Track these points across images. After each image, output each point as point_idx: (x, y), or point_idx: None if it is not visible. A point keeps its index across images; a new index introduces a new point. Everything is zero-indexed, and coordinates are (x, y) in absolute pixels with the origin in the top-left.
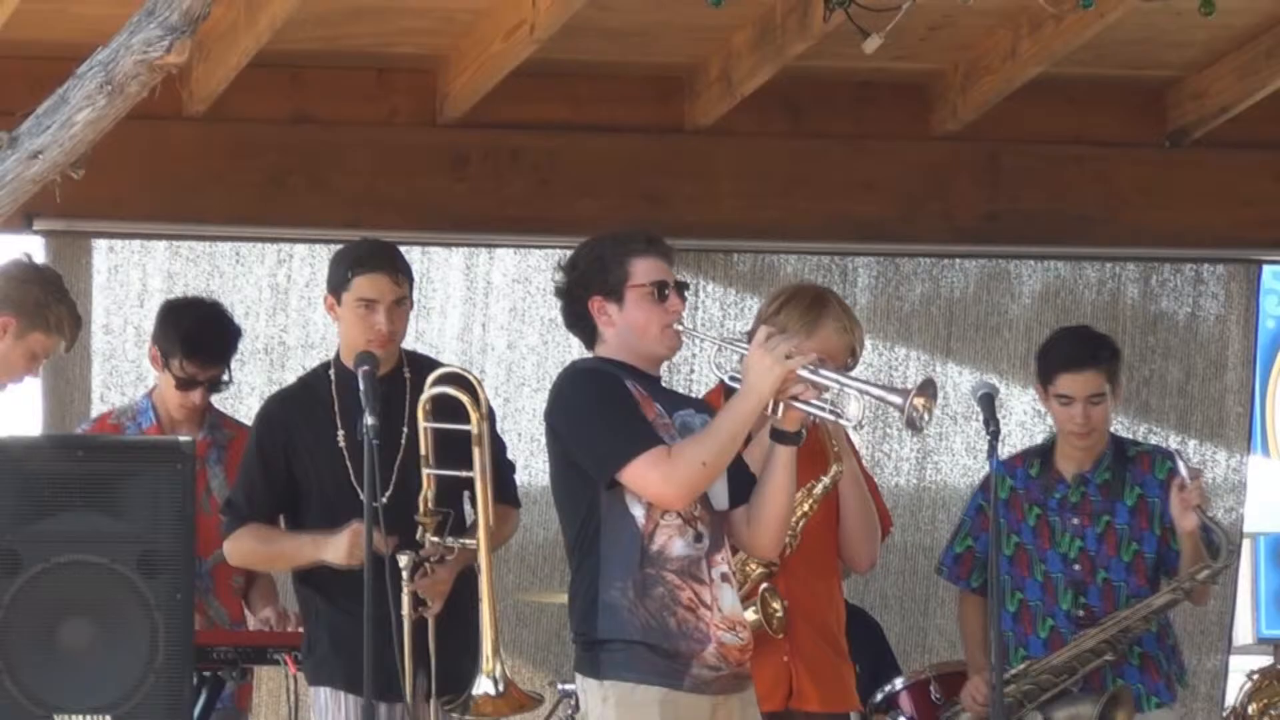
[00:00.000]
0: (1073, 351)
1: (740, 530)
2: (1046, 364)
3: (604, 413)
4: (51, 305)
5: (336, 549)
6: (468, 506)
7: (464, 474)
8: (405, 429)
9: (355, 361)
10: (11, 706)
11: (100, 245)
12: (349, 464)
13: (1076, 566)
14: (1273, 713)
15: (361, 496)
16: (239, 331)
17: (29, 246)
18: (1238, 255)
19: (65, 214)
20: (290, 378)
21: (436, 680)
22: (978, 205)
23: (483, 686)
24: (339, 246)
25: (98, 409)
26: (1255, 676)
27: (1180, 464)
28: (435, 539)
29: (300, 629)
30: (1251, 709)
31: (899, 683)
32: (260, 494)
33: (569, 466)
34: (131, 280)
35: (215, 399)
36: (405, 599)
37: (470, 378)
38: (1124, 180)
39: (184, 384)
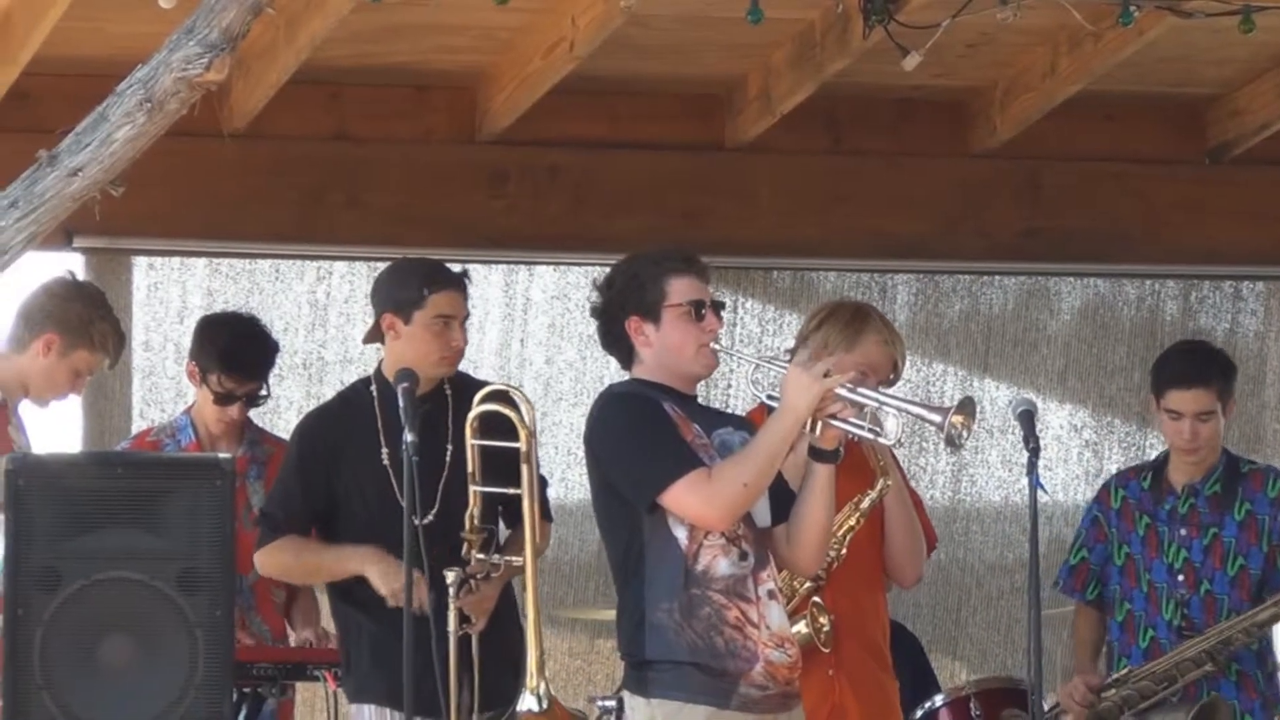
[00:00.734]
0: (1183, 368)
1: (780, 547)
2: (1158, 379)
3: (642, 437)
4: (95, 322)
5: (385, 576)
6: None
7: (510, 491)
8: (450, 447)
9: (396, 378)
10: None
11: (140, 262)
12: (394, 481)
13: (1180, 577)
14: None
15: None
16: (276, 346)
17: (69, 264)
18: (1277, 272)
19: (105, 231)
20: (329, 393)
21: (479, 696)
22: (1016, 222)
23: (527, 703)
24: (378, 263)
25: (137, 426)
26: None
27: None
28: (481, 556)
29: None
30: None
31: (939, 699)
32: (297, 507)
33: (610, 491)
34: (171, 297)
35: (253, 414)
36: (451, 616)
37: (518, 395)
38: (1163, 197)
39: (222, 399)
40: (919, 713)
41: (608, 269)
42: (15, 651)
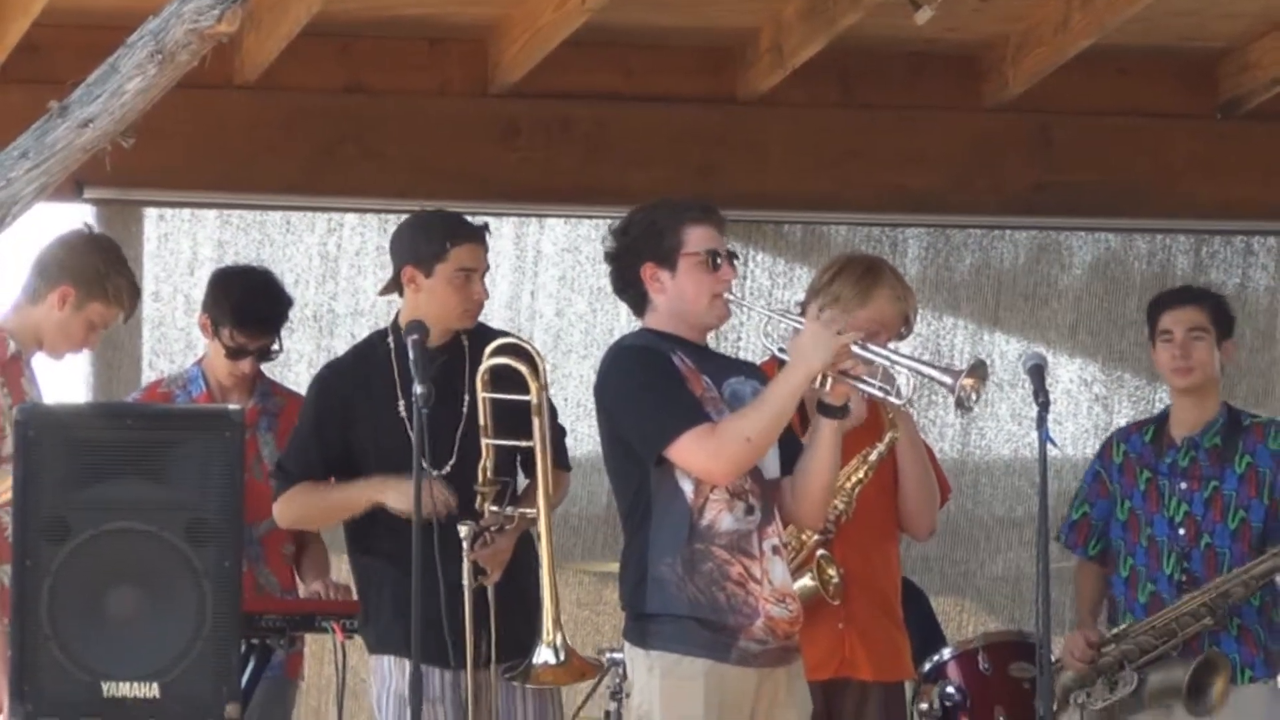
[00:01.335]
0: (1173, 292)
1: (785, 499)
2: (1151, 313)
3: (650, 390)
4: (111, 276)
5: (400, 494)
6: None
7: (523, 444)
8: (466, 398)
9: (406, 330)
10: (59, 674)
11: (150, 214)
12: (410, 432)
13: (1182, 531)
14: None
15: (424, 464)
16: (290, 301)
17: (79, 215)
18: None
19: (116, 183)
20: (339, 345)
21: (496, 648)
22: (1028, 176)
23: (543, 655)
24: (389, 215)
25: (146, 377)
26: None
27: None
28: (495, 508)
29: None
30: None
31: (947, 653)
32: (314, 459)
33: (619, 443)
34: (182, 248)
35: (264, 367)
36: (465, 568)
37: (529, 348)
38: (1174, 152)
39: (234, 353)
40: (927, 666)
41: (619, 221)
42: (23, 602)
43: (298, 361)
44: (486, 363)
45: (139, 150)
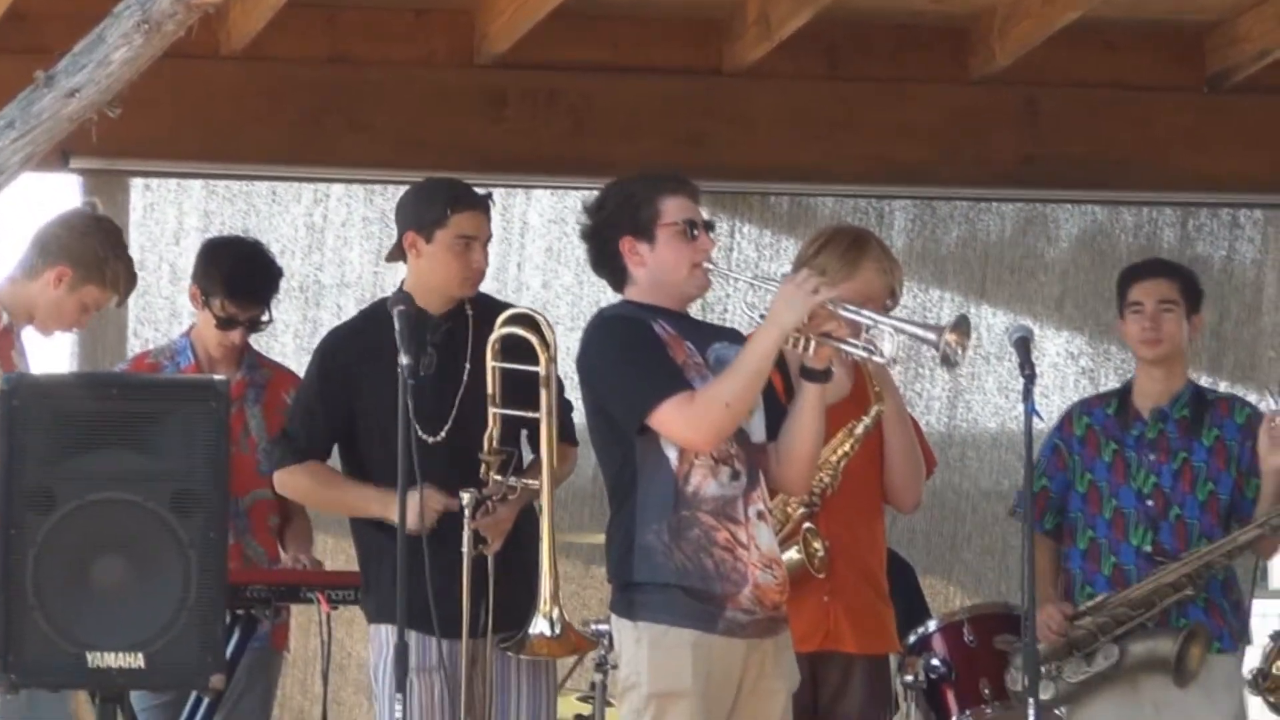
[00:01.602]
0: (1144, 264)
1: (771, 465)
2: (1120, 285)
3: (630, 359)
4: (110, 260)
5: (392, 509)
6: (525, 447)
7: (530, 414)
8: (468, 365)
9: (392, 301)
10: (44, 644)
11: (136, 183)
12: (411, 399)
13: (1150, 502)
14: None
15: (422, 433)
16: (280, 272)
17: (65, 184)
18: (1275, 200)
19: (102, 152)
20: (325, 316)
21: (494, 618)
22: (1015, 149)
23: (539, 627)
24: (375, 186)
25: (131, 346)
26: None
27: (1271, 400)
28: (498, 478)
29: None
30: (1276, 669)
31: (932, 625)
32: (319, 425)
33: (603, 414)
34: (167, 218)
35: (251, 337)
36: (466, 536)
37: (540, 319)
38: (1162, 125)
39: (224, 323)
40: (912, 638)
41: (592, 199)
42: (8, 572)
43: (284, 332)
44: (498, 331)
45: (125, 120)
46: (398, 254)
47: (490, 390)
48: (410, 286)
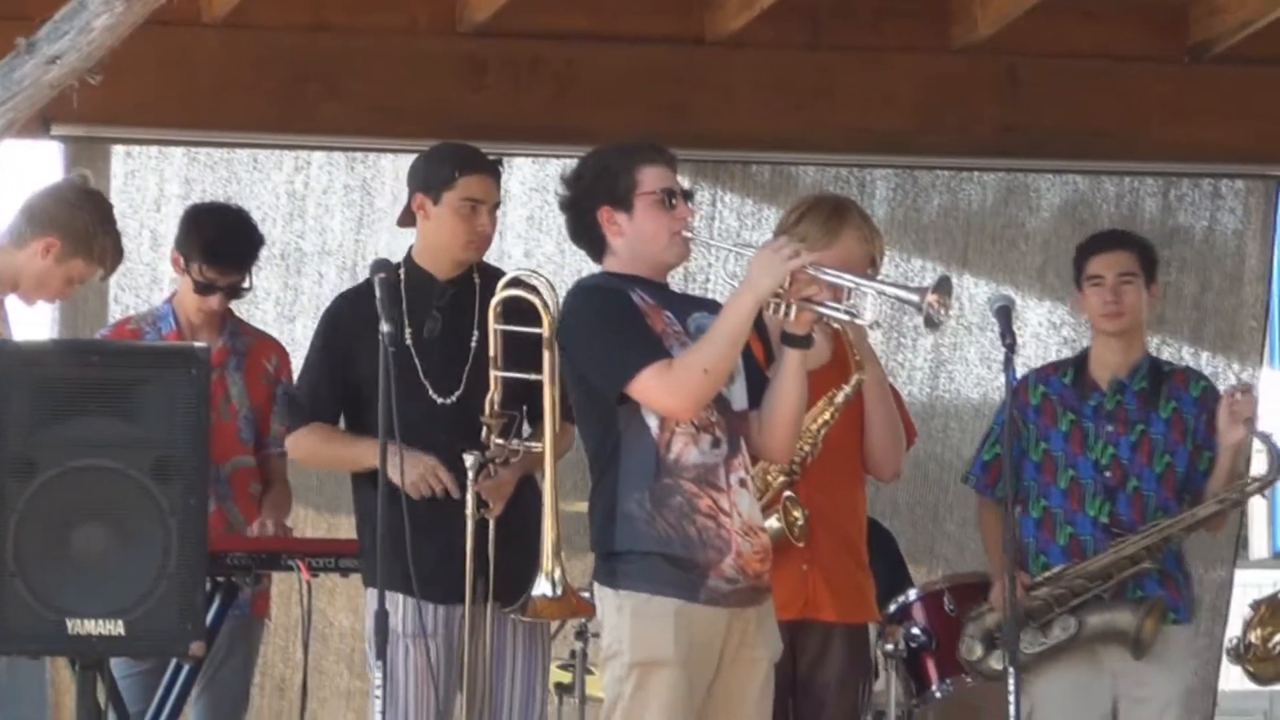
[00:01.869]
0: (1102, 236)
1: (753, 433)
2: (1079, 258)
3: (608, 328)
4: (99, 236)
5: (408, 468)
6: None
7: (532, 377)
8: (476, 332)
9: (372, 268)
10: (24, 610)
11: (118, 151)
12: (417, 362)
13: (1108, 474)
14: (1278, 638)
15: (431, 394)
16: (261, 239)
17: (47, 151)
18: (1256, 171)
19: (83, 119)
20: (306, 284)
21: (494, 584)
22: (996, 119)
23: (541, 587)
24: (356, 154)
25: (112, 312)
26: (1261, 608)
27: (1231, 377)
28: (500, 441)
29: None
30: (1254, 637)
31: (912, 594)
32: (324, 390)
33: (583, 384)
34: (149, 185)
35: (233, 306)
36: (469, 499)
37: (542, 281)
38: (1143, 95)
39: (203, 289)
40: (893, 607)
41: (570, 169)
42: None
43: (265, 300)
44: (500, 294)
45: (107, 87)
46: (408, 218)
47: (492, 353)
48: (418, 251)
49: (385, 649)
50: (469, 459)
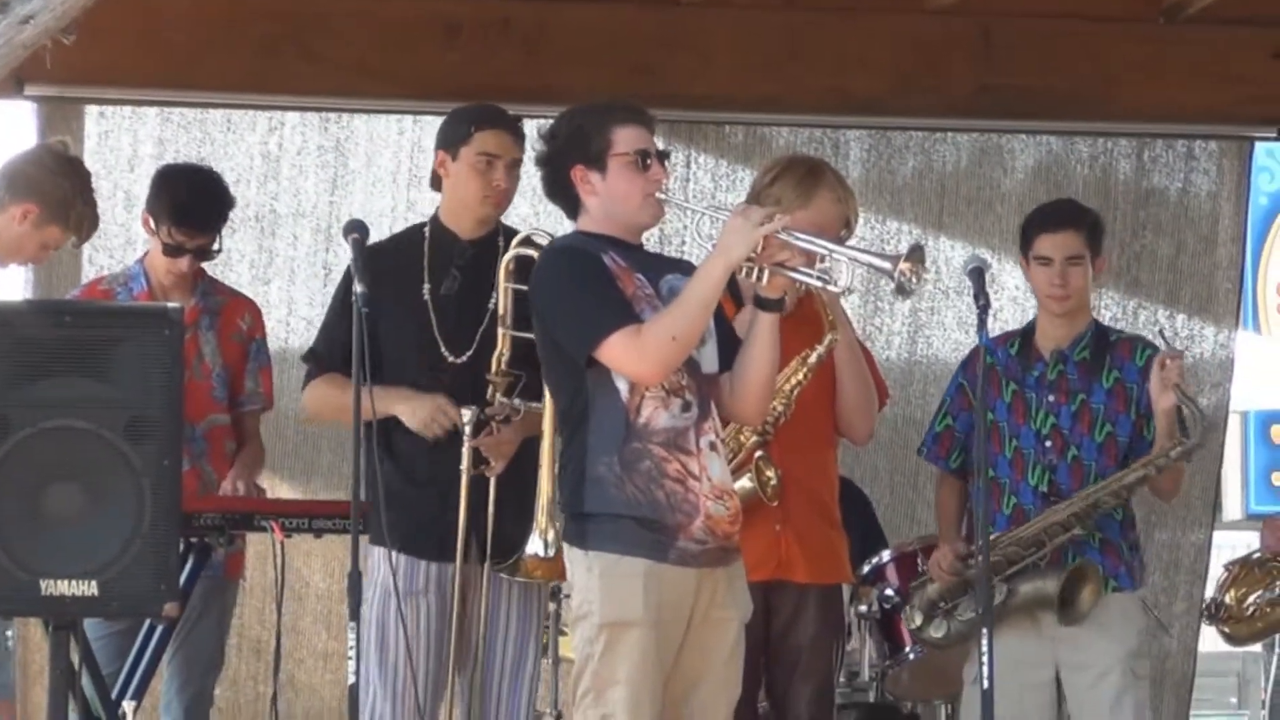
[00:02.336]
0: (1051, 213)
1: (724, 396)
2: (1027, 229)
3: (579, 291)
4: (77, 204)
5: (414, 411)
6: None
7: None
8: (495, 294)
9: (345, 229)
10: None
11: (91, 111)
12: (433, 318)
13: (1049, 443)
14: (1251, 599)
15: (444, 351)
16: (232, 201)
17: (20, 111)
18: (1230, 132)
19: (56, 80)
20: (280, 245)
21: (491, 544)
22: (970, 80)
23: (534, 546)
24: (330, 114)
25: (86, 273)
26: (1234, 568)
27: (1162, 344)
28: (504, 399)
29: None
30: (1229, 599)
31: (885, 555)
32: (341, 342)
33: (553, 345)
34: (122, 146)
35: (207, 267)
36: (466, 455)
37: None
38: (1117, 56)
39: (172, 250)
40: (866, 568)
41: (548, 125)
42: None
43: (239, 262)
44: (511, 252)
45: (80, 47)
46: (437, 182)
47: (501, 311)
48: (444, 210)
49: (359, 610)
50: (467, 414)
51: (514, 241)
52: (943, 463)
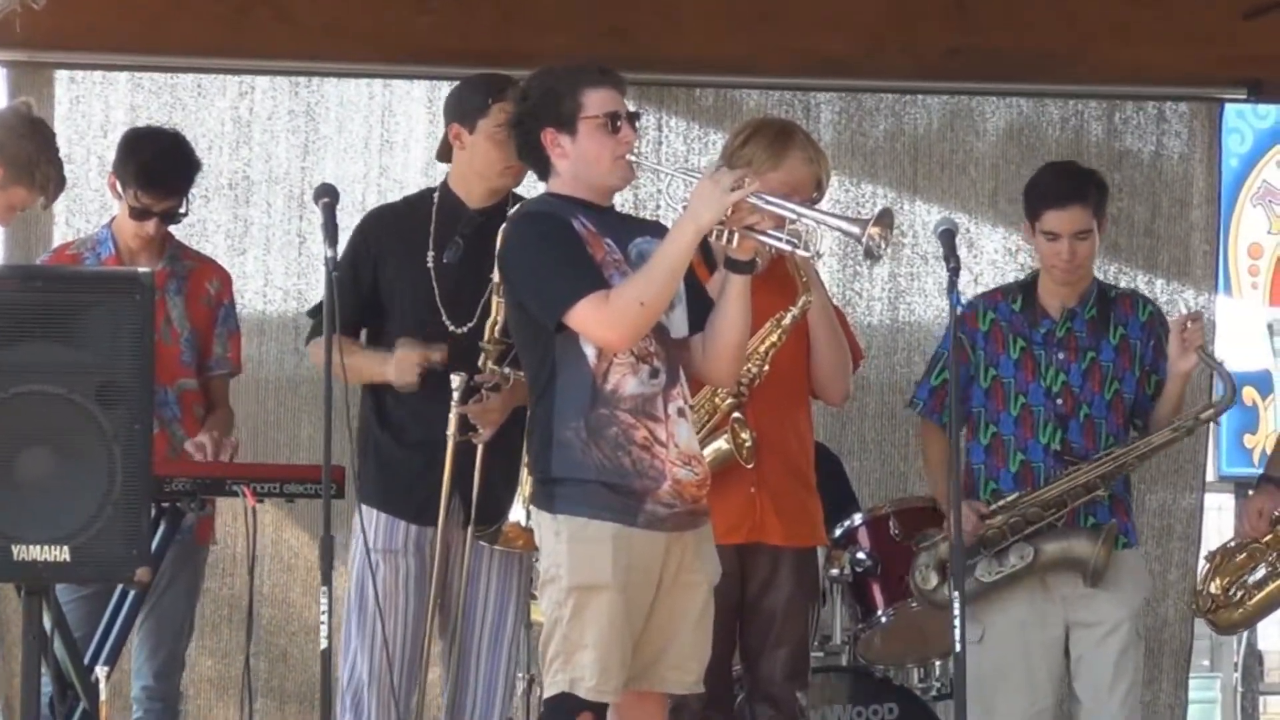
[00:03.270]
0: (1059, 187)
1: (696, 358)
2: (1032, 200)
3: (547, 257)
4: (41, 164)
5: (399, 369)
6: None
7: None
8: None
9: (316, 193)
10: None
11: (62, 76)
12: (435, 287)
13: (1060, 401)
14: (1235, 585)
15: (445, 320)
16: (197, 165)
17: None
18: (1200, 94)
19: (26, 45)
20: (255, 214)
21: (476, 511)
22: (941, 41)
23: (517, 514)
24: (300, 78)
25: (60, 239)
26: (1214, 559)
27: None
28: (495, 367)
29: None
30: (1214, 588)
31: (858, 518)
32: (347, 301)
33: (522, 311)
34: (94, 111)
35: (183, 236)
36: (452, 420)
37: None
38: (1088, 18)
39: (138, 214)
40: (838, 531)
41: (519, 87)
42: None
43: (215, 232)
44: (510, 221)
45: (50, 12)
46: (445, 151)
47: (497, 278)
48: (453, 178)
49: (330, 574)
50: (455, 380)
51: (512, 211)
52: (936, 417)
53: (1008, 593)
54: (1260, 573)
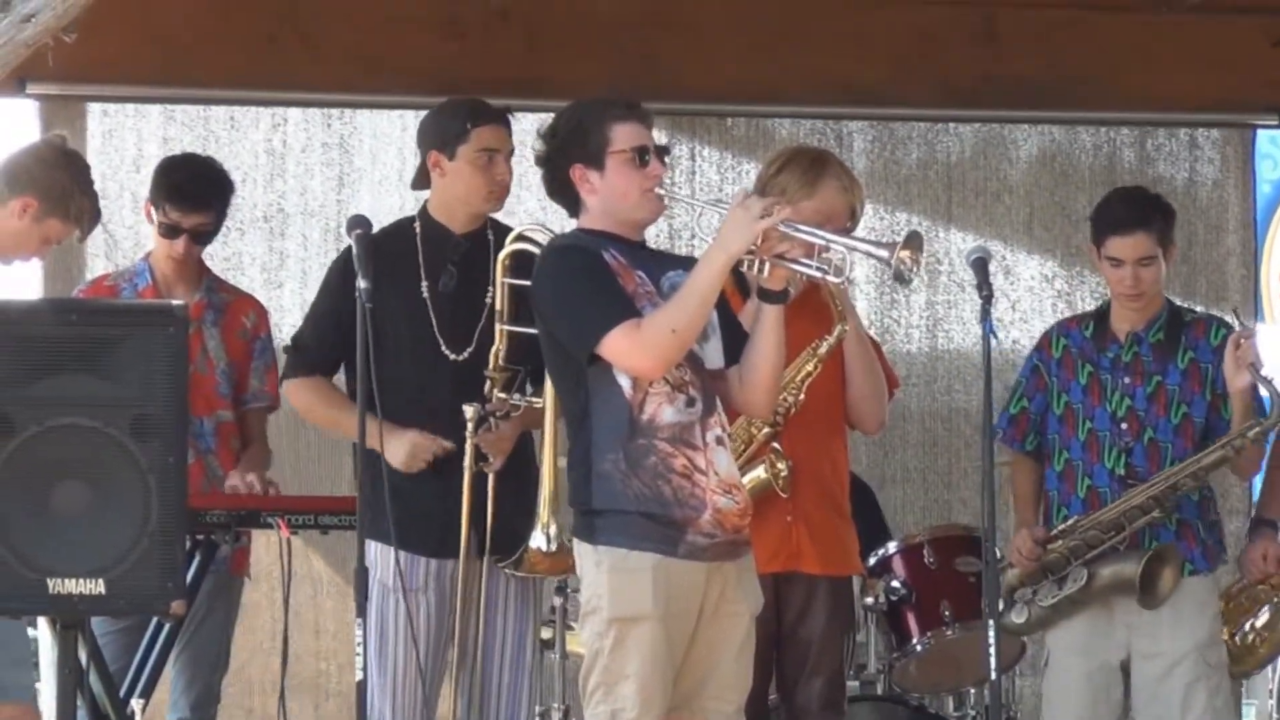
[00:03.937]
0: (1122, 214)
1: (733, 390)
2: (1097, 226)
3: (578, 288)
4: (76, 196)
5: (393, 453)
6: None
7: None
8: (490, 289)
9: (349, 225)
10: (4, 570)
11: (94, 109)
12: (432, 317)
13: (1124, 425)
14: (1246, 628)
15: (444, 349)
16: (229, 184)
17: (22, 110)
18: (1232, 120)
19: (58, 78)
20: (291, 246)
21: (490, 539)
22: (972, 68)
23: (537, 541)
24: (332, 110)
25: (93, 274)
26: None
27: (1235, 322)
28: (502, 395)
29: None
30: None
31: (892, 546)
32: (328, 336)
33: (556, 344)
34: (127, 145)
35: (213, 266)
36: (468, 451)
37: (552, 235)
38: (1118, 44)
39: (166, 230)
40: (873, 560)
41: (547, 124)
42: None
43: (250, 265)
44: (508, 248)
45: (82, 44)
46: (423, 180)
47: (499, 306)
48: (434, 207)
49: (366, 606)
50: (469, 410)
51: (510, 237)
52: (1018, 445)
53: (1070, 617)
54: (1265, 615)
